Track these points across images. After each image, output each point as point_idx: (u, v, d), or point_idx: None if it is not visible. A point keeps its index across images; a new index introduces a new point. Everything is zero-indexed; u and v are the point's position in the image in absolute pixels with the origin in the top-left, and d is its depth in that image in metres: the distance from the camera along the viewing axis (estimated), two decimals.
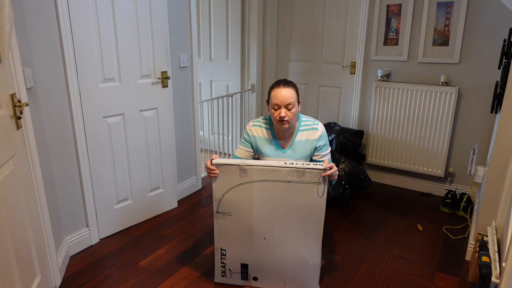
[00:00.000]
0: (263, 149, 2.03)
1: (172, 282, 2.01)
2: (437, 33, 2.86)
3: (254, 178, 1.78)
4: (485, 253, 1.74)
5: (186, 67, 2.84)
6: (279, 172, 1.74)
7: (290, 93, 1.88)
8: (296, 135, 2.00)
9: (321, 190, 1.74)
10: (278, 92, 1.88)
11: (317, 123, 2.02)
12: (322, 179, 1.72)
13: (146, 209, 2.68)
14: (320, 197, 1.76)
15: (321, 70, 3.53)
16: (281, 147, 2.02)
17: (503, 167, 1.94)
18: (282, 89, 1.88)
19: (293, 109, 1.88)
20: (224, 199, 1.83)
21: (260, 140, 2.03)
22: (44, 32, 1.91)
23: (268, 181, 1.77)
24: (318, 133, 2.00)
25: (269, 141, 2.03)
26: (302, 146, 2.00)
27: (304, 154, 2.01)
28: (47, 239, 1.86)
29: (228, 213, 1.85)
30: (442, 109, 2.89)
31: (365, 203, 2.99)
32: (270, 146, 2.02)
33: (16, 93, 1.59)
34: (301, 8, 3.48)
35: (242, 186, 1.80)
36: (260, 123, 2.05)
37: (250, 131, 2.04)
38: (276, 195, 1.79)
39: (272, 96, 1.90)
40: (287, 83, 1.91)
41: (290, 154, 2.01)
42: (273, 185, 1.77)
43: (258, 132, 2.04)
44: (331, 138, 3.21)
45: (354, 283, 2.02)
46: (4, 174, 1.41)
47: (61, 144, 2.10)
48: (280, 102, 1.86)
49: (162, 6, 2.45)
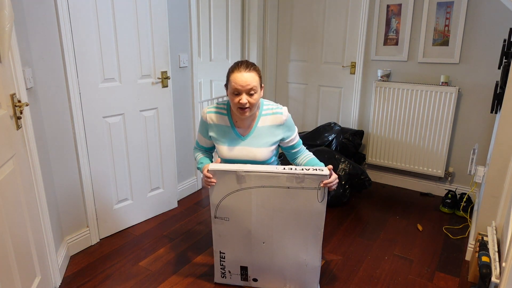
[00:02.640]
0: (220, 138, 1.84)
1: (172, 282, 2.01)
2: (437, 33, 2.86)
3: (251, 184, 1.72)
4: (485, 253, 1.74)
5: (186, 67, 2.84)
6: (278, 178, 1.69)
7: (252, 77, 1.68)
8: (258, 121, 1.81)
9: (321, 195, 1.70)
10: (239, 76, 1.67)
11: (281, 107, 1.84)
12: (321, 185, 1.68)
13: (146, 209, 2.68)
14: (320, 202, 1.71)
15: (321, 70, 3.53)
16: (240, 135, 1.82)
17: (503, 167, 1.94)
18: (243, 72, 1.67)
19: (255, 94, 1.69)
20: (221, 204, 1.79)
21: (216, 128, 1.84)
22: (44, 32, 1.91)
23: (266, 187, 1.72)
24: (282, 117, 1.81)
25: (227, 128, 1.83)
26: (264, 132, 1.81)
27: (267, 141, 1.82)
28: (47, 239, 1.86)
29: (226, 218, 1.81)
30: (442, 109, 2.89)
31: (365, 203, 2.99)
32: (228, 134, 1.83)
33: (16, 93, 1.59)
34: (301, 8, 3.48)
35: (239, 192, 1.75)
36: (215, 110, 1.84)
37: (205, 118, 1.85)
38: (275, 201, 1.74)
39: (232, 81, 1.68)
40: (248, 65, 1.70)
41: (251, 142, 1.81)
42: (271, 191, 1.72)
43: (213, 119, 1.84)
44: (331, 138, 3.21)
45: (354, 283, 2.02)
46: (4, 174, 1.41)
47: (61, 144, 2.10)
48: (240, 87, 1.66)
49: (162, 6, 2.45)
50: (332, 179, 1.66)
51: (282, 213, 1.76)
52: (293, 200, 1.72)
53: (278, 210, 1.75)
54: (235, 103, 1.70)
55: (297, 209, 1.74)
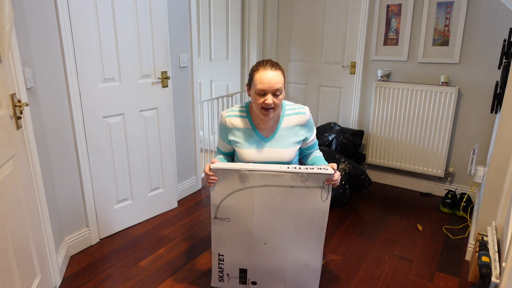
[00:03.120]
0: (243, 141, 1.76)
1: (172, 282, 2.01)
2: (437, 33, 2.86)
3: (255, 183, 1.68)
4: (485, 253, 1.74)
5: (186, 67, 2.84)
6: (282, 177, 1.66)
7: (278, 76, 1.61)
8: (281, 121, 1.76)
9: (324, 194, 1.69)
10: (265, 75, 1.59)
11: (303, 107, 1.80)
12: (326, 184, 1.67)
13: (146, 209, 2.68)
14: (324, 202, 1.71)
15: (321, 70, 3.53)
16: (263, 137, 1.76)
17: (503, 167, 1.94)
18: (269, 71, 1.60)
19: (280, 95, 1.63)
20: (222, 204, 1.74)
21: (238, 132, 1.77)
22: (44, 32, 1.91)
23: (270, 186, 1.68)
24: (305, 117, 1.77)
25: (249, 131, 1.76)
26: (288, 132, 1.77)
27: (292, 141, 1.78)
28: (47, 239, 1.86)
29: (227, 219, 1.76)
30: (442, 109, 2.89)
31: (365, 203, 2.99)
32: (250, 137, 1.76)
33: (16, 93, 1.59)
34: (301, 8, 3.48)
35: (242, 192, 1.71)
36: (235, 113, 1.77)
37: (225, 123, 1.77)
38: (278, 200, 1.70)
39: (257, 80, 1.61)
40: (274, 64, 1.63)
41: (275, 143, 1.76)
42: (275, 190, 1.69)
43: (233, 123, 1.76)
44: (331, 138, 3.21)
45: (354, 283, 2.02)
46: (4, 174, 1.41)
47: (61, 144, 2.10)
48: (267, 87, 1.59)
49: (162, 6, 2.45)
50: (336, 177, 1.64)
51: (285, 213, 1.73)
52: (296, 199, 1.70)
53: (281, 209, 1.72)
54: (259, 103, 1.63)
55: (300, 209, 1.71)
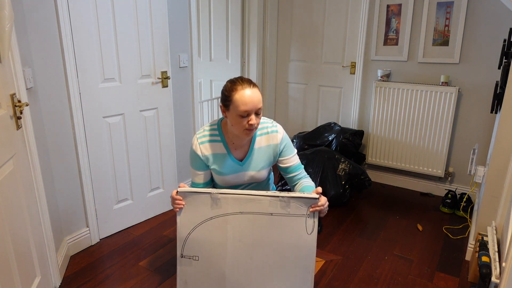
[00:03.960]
0: (218, 168, 1.64)
1: (172, 282, 2.01)
2: (437, 33, 2.86)
3: (228, 210, 1.45)
4: (485, 253, 1.74)
5: (186, 67, 2.84)
6: (259, 202, 1.43)
7: (258, 94, 1.50)
8: (254, 142, 1.65)
9: (310, 225, 1.43)
10: (246, 95, 1.47)
11: (275, 124, 1.68)
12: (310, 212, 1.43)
13: (146, 209, 2.68)
14: (309, 235, 1.43)
15: (321, 70, 3.53)
16: (238, 161, 1.64)
17: (503, 167, 1.94)
18: (249, 90, 1.48)
19: (261, 113, 1.54)
20: (190, 237, 1.48)
21: (213, 158, 1.63)
22: (44, 32, 1.91)
23: (245, 213, 1.45)
24: (279, 135, 1.65)
25: (224, 156, 1.63)
26: (262, 154, 1.66)
27: (266, 162, 1.68)
28: (47, 239, 1.86)
29: (196, 257, 1.49)
30: (442, 109, 2.89)
31: (365, 203, 2.99)
32: (226, 161, 1.63)
33: (16, 93, 1.59)
34: (301, 8, 3.48)
35: (213, 221, 1.47)
36: (207, 138, 1.63)
37: (199, 150, 1.62)
38: (255, 233, 1.45)
39: (239, 101, 1.47)
40: (250, 82, 1.53)
41: (250, 166, 1.65)
42: (251, 219, 1.44)
43: (208, 150, 1.62)
44: (331, 138, 3.21)
45: (354, 283, 2.02)
46: (4, 174, 1.41)
47: (61, 144, 2.10)
48: (251, 107, 1.47)
49: (162, 6, 2.45)
50: (323, 202, 1.43)
51: (264, 250, 1.46)
52: (277, 230, 1.44)
53: (258, 245, 1.46)
54: (243, 125, 1.50)
55: (282, 244, 1.45)
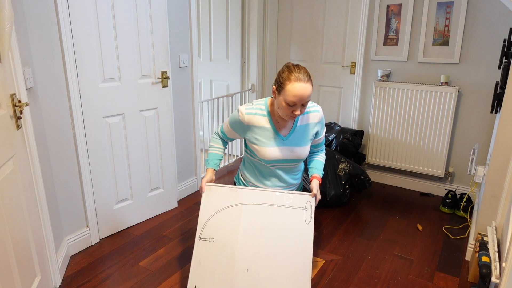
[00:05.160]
0: (261, 138, 1.79)
1: (172, 282, 2.01)
2: (437, 33, 2.86)
3: (243, 200, 1.75)
4: (485, 253, 1.74)
5: (186, 67, 2.84)
6: (268, 195, 1.75)
7: (310, 89, 1.60)
8: (297, 120, 1.79)
9: (307, 216, 1.72)
10: (299, 88, 1.57)
11: (317, 105, 1.83)
12: (308, 205, 1.73)
13: (146, 209, 2.68)
14: (307, 224, 1.71)
15: (321, 70, 3.53)
16: (282, 136, 1.79)
17: (503, 167, 1.94)
18: (303, 84, 1.58)
19: (307, 104, 1.65)
20: (209, 222, 1.75)
21: (256, 130, 1.78)
22: (44, 32, 1.91)
23: (256, 203, 1.75)
24: (319, 115, 1.81)
25: (267, 130, 1.78)
26: (303, 131, 1.81)
27: (305, 138, 1.82)
28: (47, 239, 1.86)
29: (211, 239, 1.74)
30: (442, 109, 2.89)
31: (365, 203, 2.99)
32: (269, 135, 1.78)
33: (16, 93, 1.59)
34: (301, 8, 3.48)
35: (230, 209, 1.76)
36: (255, 111, 1.77)
37: (243, 120, 1.76)
38: (263, 220, 1.73)
39: (289, 91, 1.58)
40: (307, 76, 1.61)
41: (293, 141, 1.80)
42: (261, 209, 1.74)
43: (252, 121, 1.76)
44: (331, 138, 3.21)
45: (354, 283, 2.02)
46: (4, 174, 1.41)
47: (61, 144, 2.10)
48: (299, 100, 1.59)
49: (162, 6, 2.45)
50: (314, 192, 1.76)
51: (270, 235, 1.72)
52: (281, 219, 1.72)
53: (266, 230, 1.72)
54: (287, 112, 1.64)
55: (285, 230, 1.71)
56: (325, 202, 2.83)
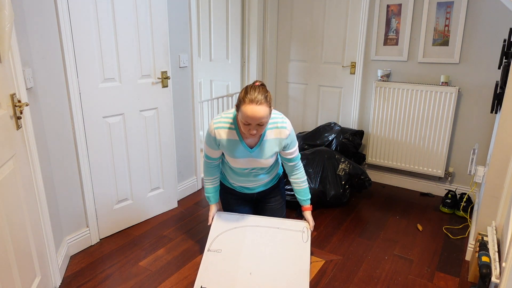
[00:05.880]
0: (230, 151, 1.90)
1: (172, 282, 2.01)
2: (437, 33, 2.86)
3: (248, 224, 2.04)
4: (485, 253, 1.74)
5: (186, 67, 2.84)
6: (271, 220, 2.05)
7: (263, 111, 1.66)
8: (264, 134, 1.87)
9: (305, 237, 1.99)
10: (251, 110, 1.65)
11: (285, 121, 1.89)
12: (305, 229, 2.02)
13: (146, 209, 2.68)
14: (305, 243, 1.97)
15: (321, 70, 3.53)
16: (248, 147, 1.88)
17: (503, 167, 1.94)
18: (254, 107, 1.64)
19: (264, 124, 1.72)
20: (217, 239, 1.99)
21: (226, 143, 1.87)
22: (44, 32, 1.91)
23: (260, 226, 2.03)
24: (286, 132, 1.87)
25: (236, 142, 1.87)
26: (270, 145, 1.89)
27: (272, 152, 1.91)
28: (47, 239, 1.86)
29: (219, 250, 1.95)
30: (442, 109, 2.89)
31: (365, 203, 2.99)
32: (238, 147, 1.88)
33: (16, 93, 1.59)
34: (301, 8, 3.48)
35: (236, 229, 2.02)
36: (223, 125, 1.86)
37: (214, 134, 1.86)
38: (266, 237, 1.98)
39: (243, 112, 1.67)
40: (259, 99, 1.66)
41: (258, 153, 1.89)
42: (264, 230, 2.01)
43: (222, 135, 1.86)
44: (331, 138, 3.21)
45: (354, 283, 2.02)
46: (4, 174, 1.41)
47: (61, 144, 2.10)
48: (251, 121, 1.67)
49: (162, 6, 2.45)
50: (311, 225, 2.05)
51: (271, 246, 1.95)
52: (281, 238, 1.98)
53: (268, 243, 1.97)
54: (244, 130, 1.74)
55: (285, 243, 1.96)
56: (325, 202, 2.83)
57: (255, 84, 1.75)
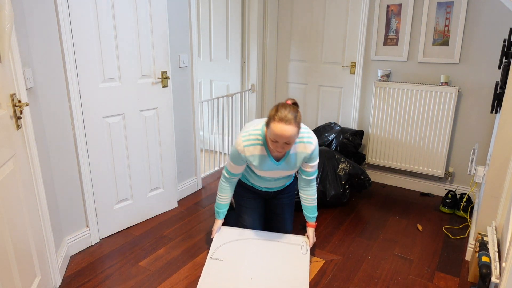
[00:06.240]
0: (259, 164, 1.98)
1: (172, 282, 2.01)
2: (437, 33, 2.86)
3: (250, 237, 2.15)
4: (485, 253, 1.74)
5: (186, 67, 2.84)
6: (271, 234, 2.18)
7: (291, 131, 1.71)
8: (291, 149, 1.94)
9: (304, 249, 2.10)
10: (280, 129, 1.71)
11: (311, 136, 1.96)
12: (304, 244, 2.12)
13: (146, 209, 2.68)
14: (304, 254, 2.06)
15: (321, 70, 3.53)
16: (275, 160, 1.97)
17: (503, 167, 1.94)
18: (283, 126, 1.70)
19: (292, 143, 1.78)
20: (220, 248, 2.07)
21: (255, 158, 1.95)
22: (44, 32, 1.91)
23: (261, 239, 2.14)
24: (312, 147, 1.95)
25: (264, 157, 1.95)
26: (295, 158, 1.98)
27: (296, 165, 2.01)
28: (47, 239, 1.86)
29: (221, 258, 2.01)
30: (442, 109, 2.89)
31: (365, 203, 2.99)
32: (266, 161, 1.97)
33: (16, 93, 1.59)
34: (301, 8, 3.48)
35: (239, 241, 2.12)
36: (252, 142, 1.93)
37: (244, 152, 1.93)
38: (267, 250, 2.07)
39: (272, 129, 1.73)
40: (288, 119, 1.70)
41: (284, 166, 1.99)
42: (266, 242, 2.12)
43: (251, 152, 1.93)
44: (331, 138, 3.21)
45: (354, 283, 2.02)
46: (4, 174, 1.41)
47: (61, 144, 2.10)
48: (280, 139, 1.74)
49: (162, 6, 2.45)
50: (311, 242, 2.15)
51: (272, 255, 2.04)
52: (282, 250, 2.08)
53: (269, 252, 2.06)
54: (274, 146, 1.80)
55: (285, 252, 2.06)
56: (325, 202, 2.83)
57: (286, 103, 1.80)
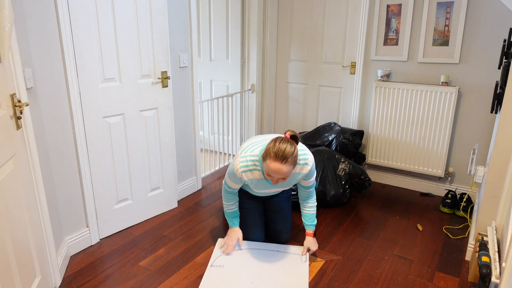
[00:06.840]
0: (255, 186, 2.05)
1: (172, 282, 2.01)
2: (437, 33, 2.86)
3: (250, 247, 2.26)
4: (485, 253, 1.74)
5: (186, 67, 2.84)
6: (271, 245, 2.28)
7: (286, 169, 1.74)
8: None
9: (303, 258, 2.18)
10: (274, 166, 1.74)
11: (308, 157, 1.97)
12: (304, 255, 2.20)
13: (146, 209, 2.68)
14: (303, 262, 2.14)
15: (321, 70, 3.53)
16: (271, 182, 1.96)
17: (503, 167, 1.94)
18: (278, 164, 1.73)
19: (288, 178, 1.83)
20: (221, 257, 2.17)
21: (251, 181, 2.01)
22: (44, 32, 1.91)
23: (261, 249, 2.24)
24: (308, 167, 1.98)
25: (261, 180, 2.02)
26: (292, 178, 2.02)
27: (291, 183, 2.07)
28: (47, 239, 1.86)
29: (221, 265, 2.10)
30: (442, 109, 2.89)
31: (365, 203, 2.99)
32: (262, 183, 2.04)
33: (16, 93, 1.59)
34: (301, 8, 3.48)
35: (239, 251, 2.21)
36: (250, 168, 1.96)
37: (241, 176, 1.97)
38: (267, 259, 2.16)
39: (267, 165, 1.77)
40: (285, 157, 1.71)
41: (280, 185, 2.06)
42: (266, 252, 2.22)
43: (249, 177, 1.98)
44: (331, 138, 3.21)
45: (354, 283, 2.02)
46: (4, 174, 1.41)
47: (61, 144, 2.10)
48: (274, 175, 1.79)
49: (162, 6, 2.45)
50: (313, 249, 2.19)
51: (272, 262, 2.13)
52: (281, 259, 2.16)
53: (269, 259, 2.15)
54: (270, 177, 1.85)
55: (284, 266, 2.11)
56: (325, 202, 2.83)
57: (285, 136, 1.79)
